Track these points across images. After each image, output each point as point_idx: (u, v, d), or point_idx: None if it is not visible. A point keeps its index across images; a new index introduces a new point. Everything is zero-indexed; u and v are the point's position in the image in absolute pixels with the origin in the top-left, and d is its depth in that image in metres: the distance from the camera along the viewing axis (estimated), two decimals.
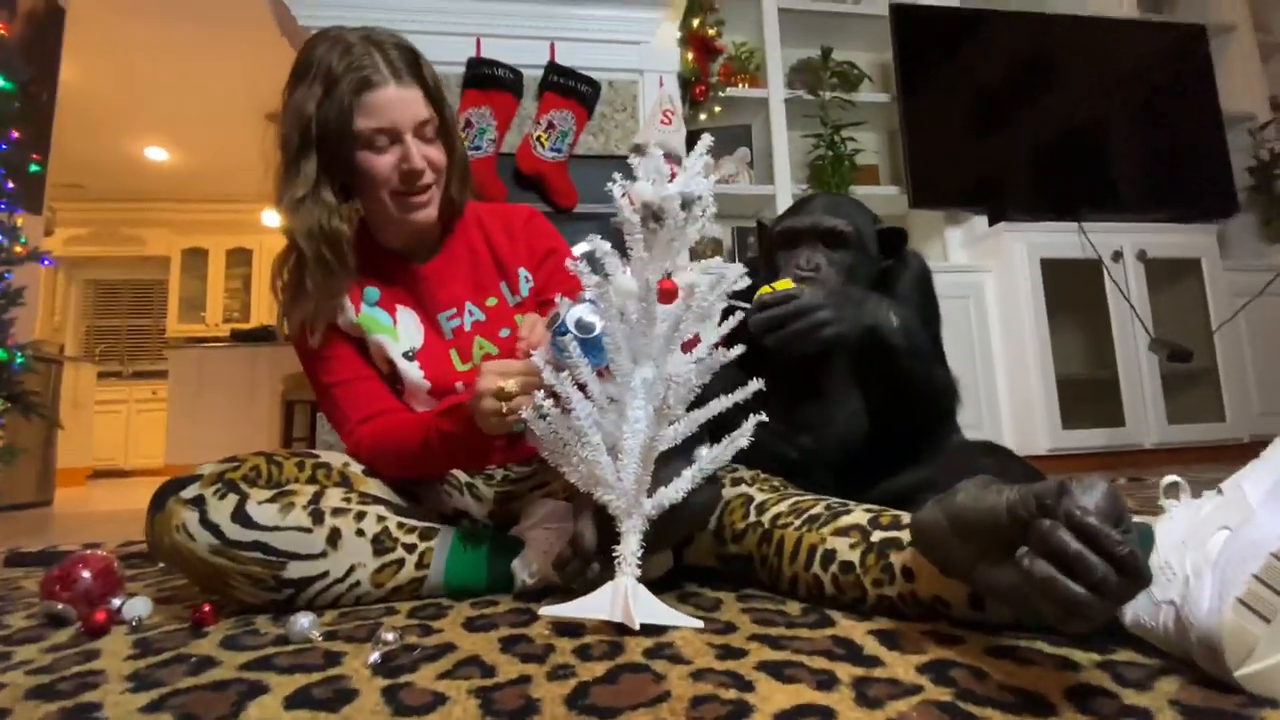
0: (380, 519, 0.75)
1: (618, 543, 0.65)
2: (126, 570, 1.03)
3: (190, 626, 0.68)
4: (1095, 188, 2.59)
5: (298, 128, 0.82)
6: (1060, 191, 2.54)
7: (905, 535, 0.62)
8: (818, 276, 0.83)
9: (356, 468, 0.84)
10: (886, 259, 0.88)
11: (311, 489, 0.75)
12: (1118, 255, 2.43)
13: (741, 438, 0.66)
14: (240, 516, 0.69)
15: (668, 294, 0.65)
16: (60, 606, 0.73)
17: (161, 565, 1.07)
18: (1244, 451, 2.38)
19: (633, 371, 0.66)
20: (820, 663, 0.51)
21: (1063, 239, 2.41)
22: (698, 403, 0.68)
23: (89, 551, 0.80)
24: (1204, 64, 2.74)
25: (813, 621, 0.61)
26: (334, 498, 0.74)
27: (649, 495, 0.64)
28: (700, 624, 0.60)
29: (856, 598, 0.63)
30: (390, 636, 0.57)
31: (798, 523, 0.70)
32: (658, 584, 0.76)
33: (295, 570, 0.70)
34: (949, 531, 0.51)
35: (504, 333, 0.93)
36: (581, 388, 0.66)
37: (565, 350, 0.66)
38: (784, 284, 0.78)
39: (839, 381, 0.88)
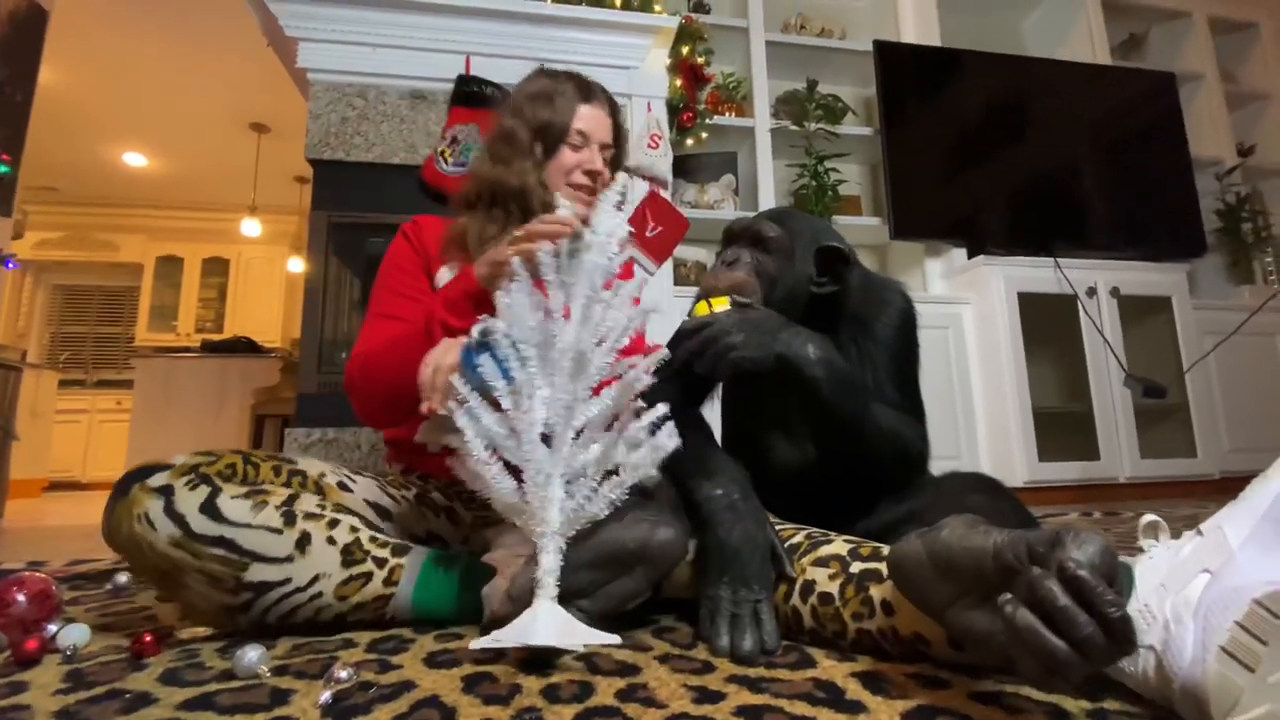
0: (353, 529, 0.71)
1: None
2: (69, 592, 0.98)
3: (129, 657, 0.63)
4: (1070, 225, 2.65)
5: (528, 126, 1.03)
6: (1036, 227, 2.60)
7: (885, 568, 0.60)
8: (735, 268, 0.83)
9: (332, 479, 0.80)
10: (822, 277, 0.83)
11: (286, 491, 0.71)
12: (1092, 291, 2.48)
13: (666, 443, 0.63)
14: (209, 509, 0.66)
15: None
16: None
17: (108, 586, 1.02)
18: (1215, 487, 2.44)
19: (533, 390, 0.65)
20: (801, 708, 0.48)
21: (1039, 273, 2.46)
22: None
23: (26, 573, 0.75)
24: (1173, 110, 2.84)
25: (793, 662, 0.58)
26: (309, 502, 0.71)
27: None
28: (618, 639, 0.58)
29: (836, 631, 0.61)
30: (344, 674, 0.53)
31: None
32: (631, 615, 0.73)
33: (257, 573, 0.66)
34: (928, 566, 0.50)
35: None
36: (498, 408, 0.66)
37: (473, 367, 0.66)
38: (720, 301, 0.78)
39: (794, 415, 0.86)
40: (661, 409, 0.65)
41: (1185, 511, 1.94)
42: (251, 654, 0.57)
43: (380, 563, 0.71)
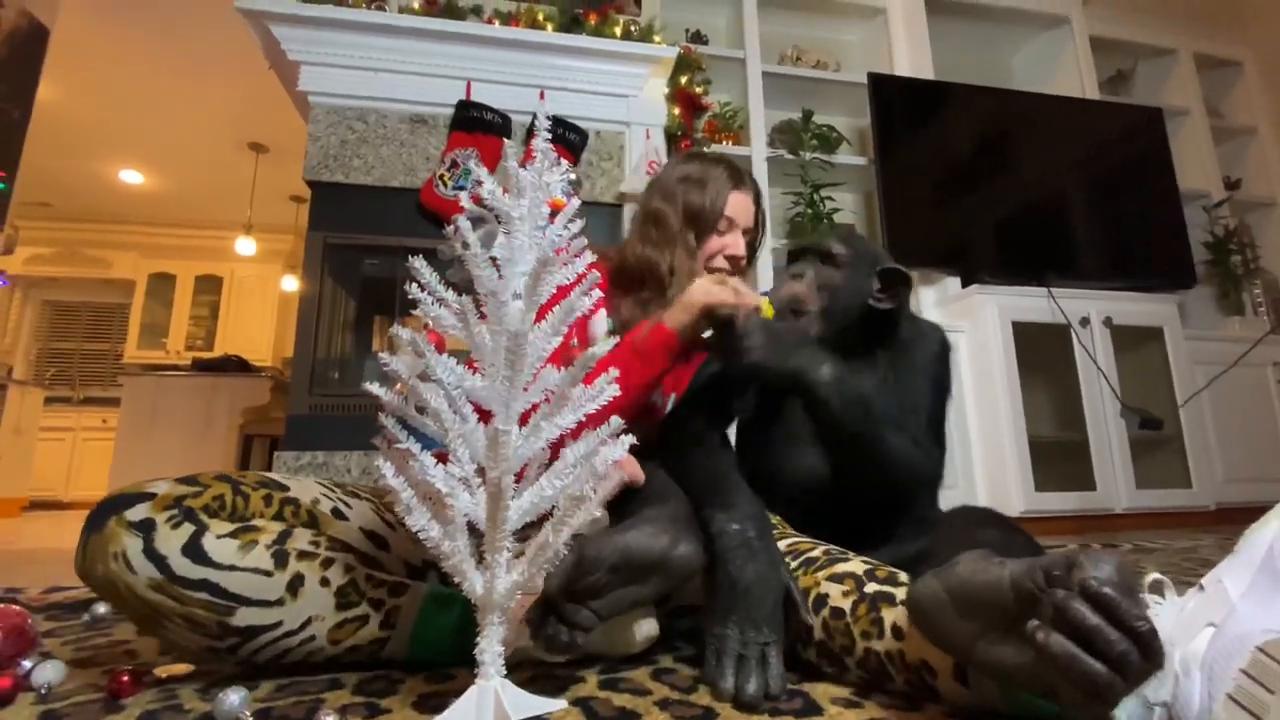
0: (348, 569, 0.68)
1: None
2: (45, 623, 0.95)
3: (105, 697, 0.61)
4: (1062, 255, 2.68)
5: (680, 210, 1.05)
6: (1029, 257, 2.62)
7: (899, 592, 0.60)
8: (798, 280, 0.89)
9: (325, 506, 0.76)
10: (882, 293, 0.87)
11: (278, 527, 0.67)
12: (1085, 321, 2.49)
13: (613, 451, 0.58)
14: (193, 550, 0.60)
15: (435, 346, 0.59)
16: None
17: (85, 618, 0.98)
18: (1211, 518, 2.44)
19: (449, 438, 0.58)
20: None
21: (1033, 303, 2.47)
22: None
23: (1, 607, 0.72)
24: (1160, 144, 2.90)
25: (798, 709, 0.56)
26: (301, 539, 0.67)
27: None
28: (564, 704, 0.57)
29: (845, 646, 0.61)
30: None
31: (794, 564, 0.68)
32: (631, 657, 0.71)
33: (245, 617, 0.61)
34: (948, 604, 0.49)
35: None
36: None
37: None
38: (769, 311, 0.83)
39: (812, 427, 0.86)
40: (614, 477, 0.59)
41: (1182, 544, 1.93)
42: (233, 697, 0.55)
43: (377, 604, 0.68)
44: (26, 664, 0.66)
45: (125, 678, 0.61)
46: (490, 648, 0.55)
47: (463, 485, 0.55)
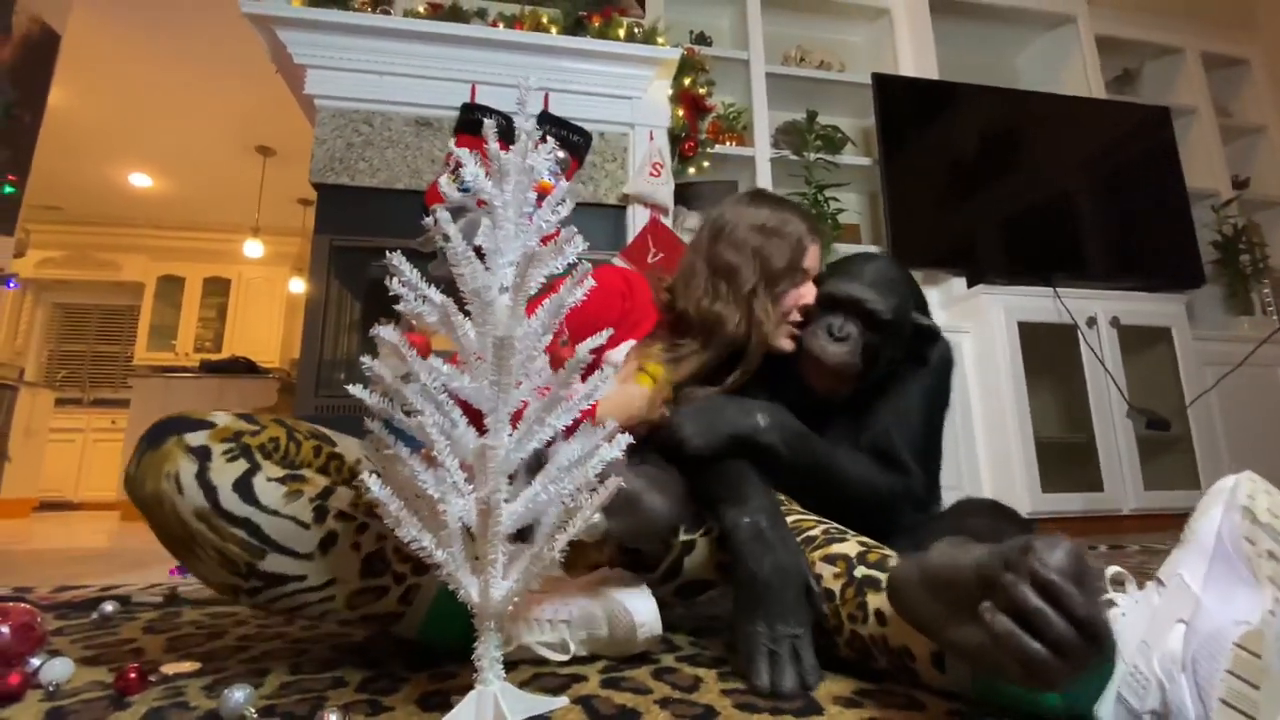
0: (380, 538, 0.68)
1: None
2: (54, 621, 0.96)
3: (113, 695, 0.61)
4: (1068, 255, 2.67)
5: (758, 266, 0.95)
6: (1035, 257, 2.61)
7: (885, 578, 0.62)
8: (844, 345, 0.86)
9: (366, 468, 0.78)
10: (909, 352, 0.88)
11: (323, 481, 0.67)
12: (1092, 321, 2.48)
13: (611, 452, 0.57)
14: (242, 487, 0.62)
15: (419, 348, 0.56)
16: None
17: (94, 616, 0.99)
18: None
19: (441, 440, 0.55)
20: None
21: (1039, 303, 2.46)
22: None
23: (10, 604, 0.73)
24: (1168, 143, 2.88)
25: (799, 709, 0.56)
26: (343, 499, 0.67)
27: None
28: (565, 702, 0.57)
29: (835, 626, 0.64)
30: (334, 718, 0.51)
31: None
32: (632, 656, 0.71)
33: (274, 564, 0.62)
34: (920, 587, 0.51)
35: None
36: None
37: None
38: (656, 369, 0.86)
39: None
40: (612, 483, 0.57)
41: None
42: (238, 694, 0.55)
43: (399, 578, 0.68)
44: (35, 661, 0.67)
45: (132, 675, 0.62)
46: (488, 653, 0.54)
47: (454, 490, 0.54)
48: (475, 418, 0.56)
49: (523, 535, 0.57)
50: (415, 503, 0.55)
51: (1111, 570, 0.55)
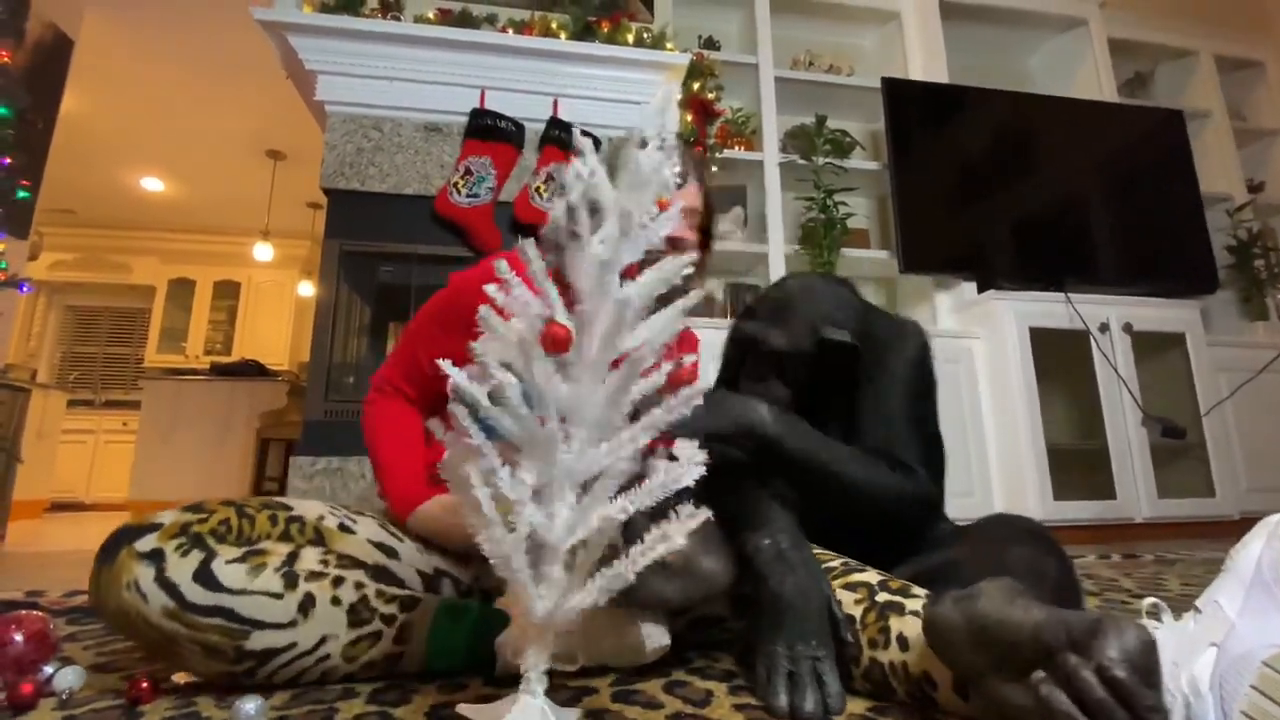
0: (359, 586, 0.68)
1: None
2: (66, 627, 0.96)
3: (125, 704, 0.61)
4: (1081, 260, 2.65)
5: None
6: (1046, 262, 2.59)
7: (910, 603, 0.61)
8: (764, 385, 0.85)
9: (331, 521, 0.77)
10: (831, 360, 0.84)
11: (286, 548, 0.68)
12: (1104, 327, 2.46)
13: (690, 475, 0.53)
14: (203, 576, 0.61)
15: (554, 341, 0.51)
16: None
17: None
18: (1235, 527, 2.39)
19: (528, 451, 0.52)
20: None
21: (1051, 308, 2.44)
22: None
23: (24, 612, 0.73)
24: (1182, 147, 2.86)
25: None
26: (310, 559, 0.68)
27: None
28: (577, 714, 0.55)
29: (853, 657, 0.62)
30: None
31: None
32: (643, 667, 0.71)
33: (259, 641, 0.62)
34: (964, 633, 0.49)
35: None
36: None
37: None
38: None
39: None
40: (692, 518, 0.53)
41: (1205, 554, 1.89)
42: (249, 705, 0.55)
43: (389, 620, 0.68)
44: (48, 669, 0.67)
45: (144, 684, 0.62)
46: (538, 667, 0.51)
47: (531, 495, 0.50)
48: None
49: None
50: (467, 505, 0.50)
51: (1148, 602, 0.55)
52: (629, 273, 0.54)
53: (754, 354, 0.88)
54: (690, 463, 0.52)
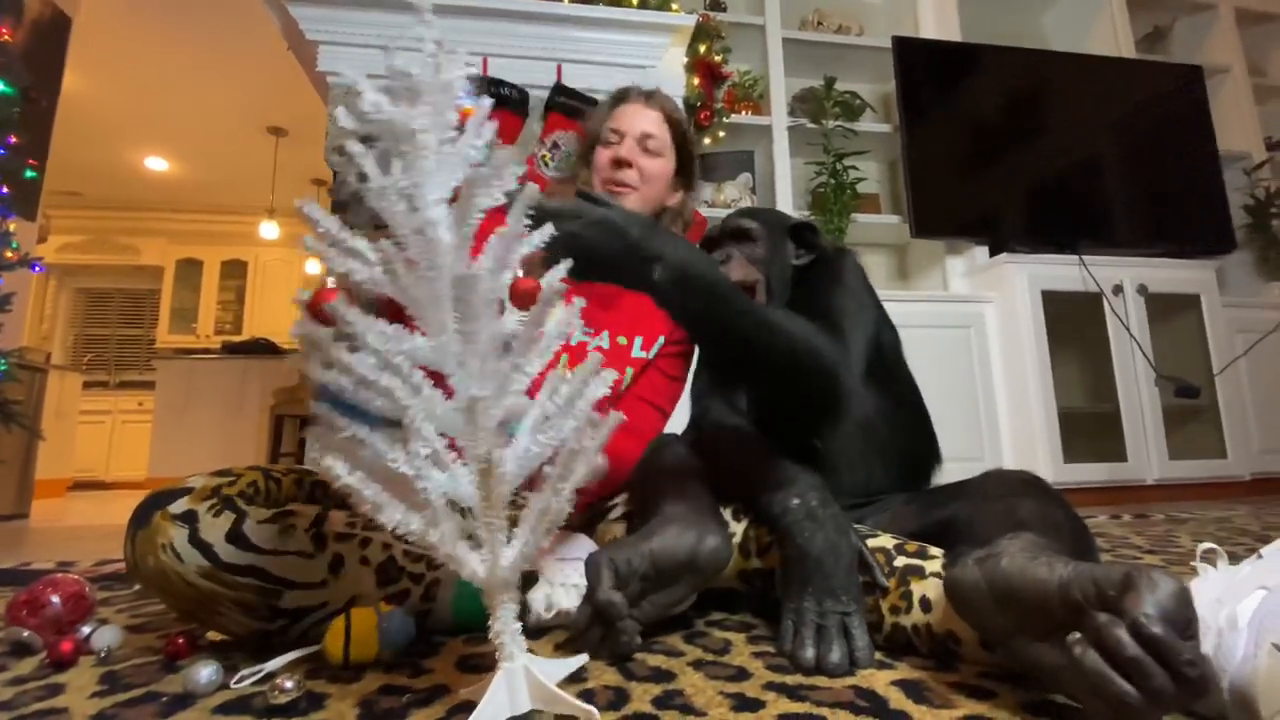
0: (385, 547, 0.70)
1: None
2: (99, 593, 0.99)
3: (163, 659, 0.63)
4: (1094, 222, 2.61)
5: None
6: (1059, 224, 2.55)
7: (929, 565, 0.62)
8: (733, 263, 0.91)
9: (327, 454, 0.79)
10: (803, 251, 0.96)
11: (313, 510, 0.69)
12: (1118, 289, 2.43)
13: (598, 388, 0.52)
14: (236, 537, 0.63)
15: (522, 295, 0.49)
16: (26, 634, 0.68)
17: (137, 588, 1.02)
18: (1246, 488, 2.39)
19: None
20: (844, 717, 0.47)
21: (1063, 271, 2.41)
22: None
23: (59, 575, 0.75)
24: (1200, 104, 2.79)
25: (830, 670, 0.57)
26: (338, 521, 0.69)
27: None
28: (594, 712, 0.47)
29: (873, 622, 0.63)
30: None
31: None
32: (669, 619, 0.72)
33: (292, 599, 0.64)
34: (988, 596, 0.49)
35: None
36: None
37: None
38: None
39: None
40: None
41: (1216, 514, 1.89)
42: (204, 672, 0.55)
43: (416, 579, 0.69)
44: (85, 629, 0.69)
45: (180, 640, 0.64)
46: (507, 628, 0.49)
47: (431, 463, 0.46)
48: (438, 382, 0.49)
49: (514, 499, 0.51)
50: (392, 486, 0.47)
51: (1204, 546, 0.53)
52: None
53: (722, 243, 0.95)
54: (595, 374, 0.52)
